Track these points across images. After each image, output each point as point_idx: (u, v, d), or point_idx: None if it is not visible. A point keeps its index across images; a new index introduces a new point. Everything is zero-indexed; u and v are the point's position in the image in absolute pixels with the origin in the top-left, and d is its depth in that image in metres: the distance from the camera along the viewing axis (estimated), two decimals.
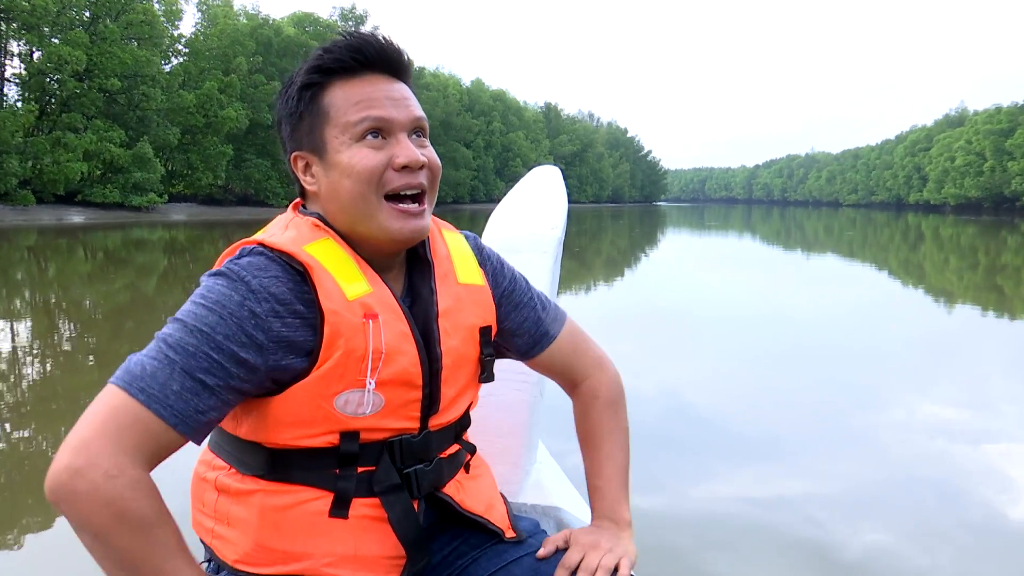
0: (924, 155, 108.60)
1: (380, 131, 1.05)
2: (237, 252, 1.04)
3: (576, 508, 1.65)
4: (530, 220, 1.76)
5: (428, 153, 1.10)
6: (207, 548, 1.12)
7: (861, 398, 5.35)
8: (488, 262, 1.27)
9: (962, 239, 29.52)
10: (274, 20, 45.86)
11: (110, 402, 0.92)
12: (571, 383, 1.34)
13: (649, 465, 3.75)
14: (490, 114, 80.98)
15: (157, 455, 0.93)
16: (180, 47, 40.18)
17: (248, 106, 41.62)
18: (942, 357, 7.08)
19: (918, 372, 6.44)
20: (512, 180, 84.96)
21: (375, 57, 1.06)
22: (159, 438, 0.92)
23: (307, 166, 1.10)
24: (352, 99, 1.05)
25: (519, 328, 1.27)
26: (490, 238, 1.73)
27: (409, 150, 1.06)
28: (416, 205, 1.08)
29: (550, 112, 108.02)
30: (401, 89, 1.09)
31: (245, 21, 44.23)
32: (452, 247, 1.22)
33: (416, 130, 1.09)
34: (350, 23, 64.65)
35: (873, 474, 3.81)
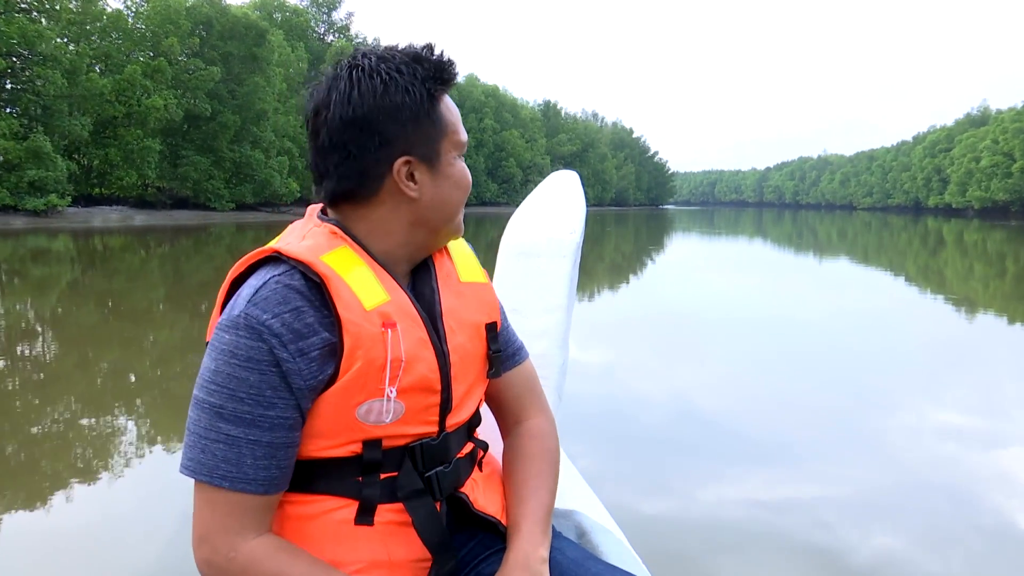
0: (945, 156, 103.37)
1: None
2: (254, 283, 1.02)
3: (593, 511, 1.61)
4: (549, 225, 1.76)
5: None
6: None
7: (872, 402, 5.30)
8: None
9: (989, 244, 27.93)
10: (227, 4, 40.48)
11: (205, 498, 1.00)
12: (515, 419, 1.31)
13: (658, 468, 3.83)
14: (481, 111, 75.70)
15: (265, 516, 1.02)
16: (100, 24, 34.60)
17: (183, 95, 36.32)
18: (958, 364, 6.87)
19: (932, 377, 6.29)
20: (505, 182, 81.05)
21: (454, 76, 1.11)
22: (258, 506, 1.01)
23: (410, 172, 1.09)
24: (455, 116, 1.11)
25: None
26: (509, 243, 1.73)
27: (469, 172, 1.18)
28: None
29: (549, 110, 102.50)
30: None
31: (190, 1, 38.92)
32: (452, 249, 1.24)
33: None
34: (323, 10, 59.64)
35: (884, 478, 3.77)
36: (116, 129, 34.17)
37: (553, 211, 1.78)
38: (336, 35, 58.93)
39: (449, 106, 1.10)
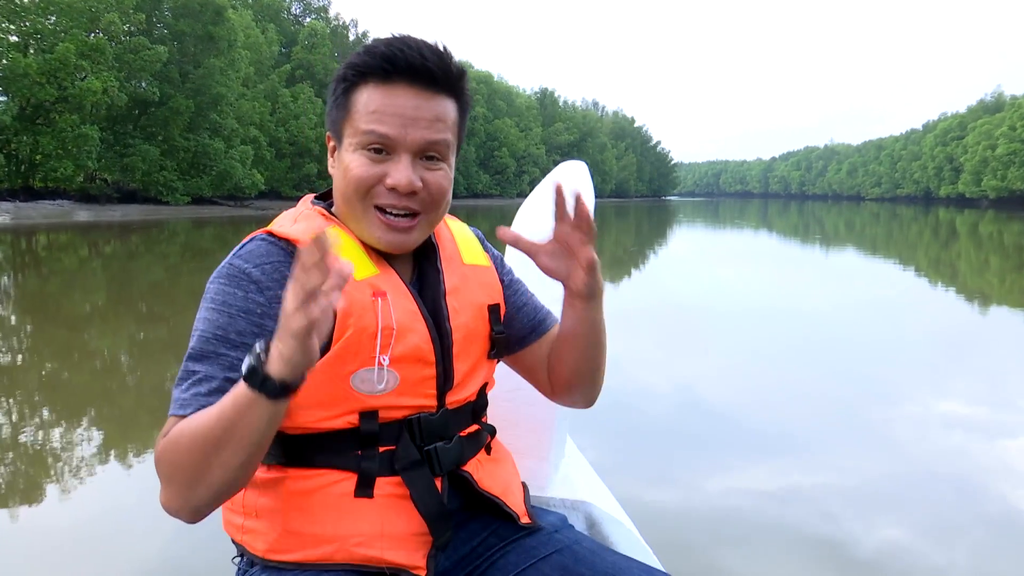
0: (957, 144, 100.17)
1: (383, 147, 1.07)
2: (243, 242, 1.09)
3: (605, 502, 1.63)
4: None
5: (431, 177, 1.10)
6: (238, 545, 1.14)
7: (878, 393, 5.29)
8: (490, 251, 1.32)
9: (1006, 237, 26.46)
10: None
11: (166, 429, 1.02)
12: None
13: (664, 460, 3.87)
14: (472, 98, 72.15)
15: None
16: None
17: (127, 77, 32.96)
18: (967, 356, 6.77)
19: (939, 369, 6.25)
20: (498, 173, 77.84)
21: (406, 69, 1.06)
22: None
23: (333, 149, 1.14)
24: (371, 107, 1.07)
25: (519, 311, 1.28)
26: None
27: (402, 173, 1.06)
28: (404, 220, 1.09)
29: (545, 98, 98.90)
30: (426, 107, 1.07)
31: None
32: (456, 232, 1.26)
33: (426, 152, 1.09)
34: None
35: (889, 469, 3.78)
36: (49, 115, 30.80)
37: None
38: (313, 16, 55.35)
39: (370, 97, 1.06)
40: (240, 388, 0.91)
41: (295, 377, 0.89)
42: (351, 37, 56.49)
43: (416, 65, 1.05)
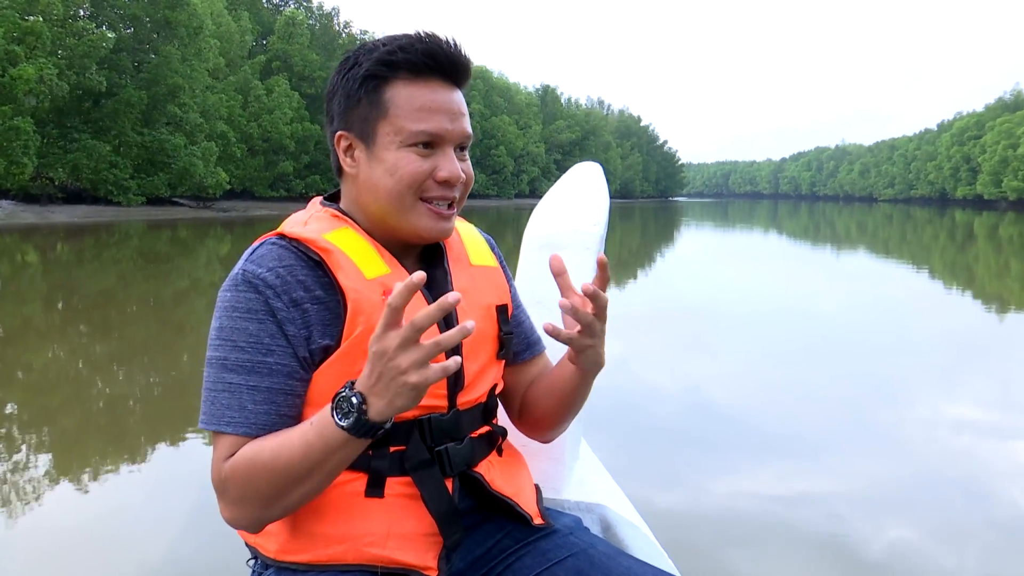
0: (975, 144, 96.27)
1: (431, 143, 1.08)
2: (253, 246, 1.10)
3: (619, 505, 1.63)
4: (572, 217, 1.76)
5: (467, 167, 1.13)
6: (251, 548, 1.15)
7: (888, 395, 5.24)
8: (499, 258, 1.32)
9: None
10: None
11: (215, 445, 1.04)
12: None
13: (671, 461, 3.85)
14: (468, 95, 69.10)
15: None
16: None
17: (69, 64, 29.99)
18: (978, 359, 6.67)
19: (949, 371, 6.13)
20: (495, 172, 74.49)
21: (446, 65, 1.08)
22: None
23: (350, 148, 1.12)
24: (415, 103, 1.07)
25: (515, 329, 1.29)
26: (532, 235, 1.75)
27: (453, 165, 1.09)
28: (448, 209, 1.12)
29: (547, 95, 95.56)
30: (458, 101, 1.11)
31: None
32: (463, 233, 1.26)
33: (461, 144, 1.12)
34: None
35: (898, 471, 3.75)
36: None
37: (576, 203, 1.77)
38: (293, 4, 52.22)
39: (410, 93, 1.07)
40: (330, 429, 0.94)
41: (396, 415, 0.93)
42: (335, 28, 53.39)
43: (454, 60, 1.07)
